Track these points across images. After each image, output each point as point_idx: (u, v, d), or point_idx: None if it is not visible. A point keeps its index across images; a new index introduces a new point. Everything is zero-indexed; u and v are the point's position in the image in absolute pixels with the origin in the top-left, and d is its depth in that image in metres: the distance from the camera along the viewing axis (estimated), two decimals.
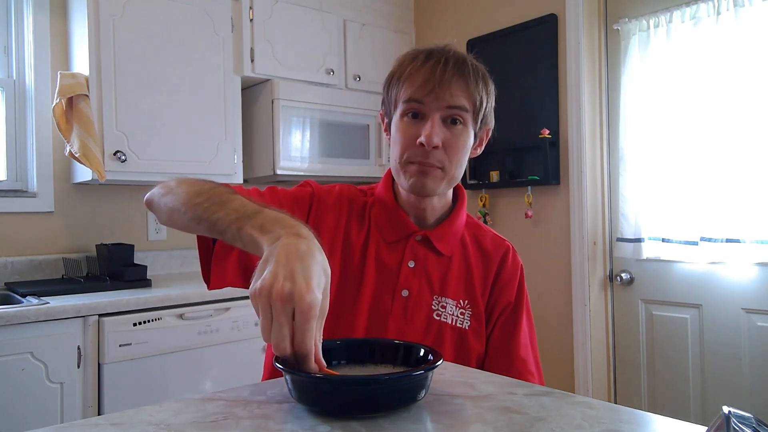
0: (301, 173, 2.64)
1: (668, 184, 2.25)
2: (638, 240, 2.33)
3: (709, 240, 2.12)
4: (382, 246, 1.05)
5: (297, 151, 2.62)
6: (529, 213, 2.59)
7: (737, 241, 2.05)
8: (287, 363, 0.66)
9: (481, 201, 2.78)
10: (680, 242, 2.21)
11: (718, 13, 2.10)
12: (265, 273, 0.65)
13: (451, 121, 0.98)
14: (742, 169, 2.04)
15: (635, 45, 2.33)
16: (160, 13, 2.29)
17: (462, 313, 1.05)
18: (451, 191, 1.09)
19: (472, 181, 2.81)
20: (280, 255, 0.66)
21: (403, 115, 1.00)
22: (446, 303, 1.04)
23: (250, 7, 2.52)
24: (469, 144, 1.02)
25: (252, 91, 2.68)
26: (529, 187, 2.60)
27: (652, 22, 2.29)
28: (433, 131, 0.95)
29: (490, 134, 1.09)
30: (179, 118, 2.33)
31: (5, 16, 2.32)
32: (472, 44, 2.84)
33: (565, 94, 2.51)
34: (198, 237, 0.93)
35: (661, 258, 2.29)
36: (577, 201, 2.47)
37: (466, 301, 1.06)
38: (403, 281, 1.03)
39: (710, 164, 2.12)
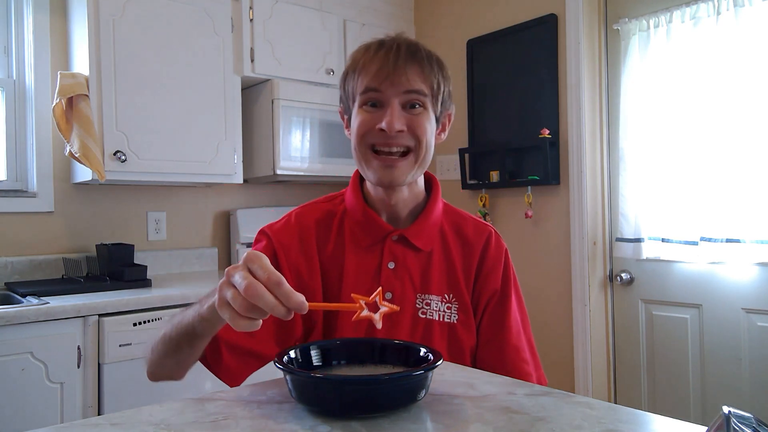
0: (301, 173, 2.64)
1: (668, 184, 2.25)
2: (638, 240, 2.32)
3: (709, 240, 2.12)
4: (360, 252, 1.03)
5: (297, 151, 2.62)
6: (529, 213, 2.59)
7: (737, 241, 2.05)
8: (286, 367, 0.66)
9: (481, 201, 2.78)
10: (680, 242, 2.21)
11: (718, 13, 2.10)
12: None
13: (411, 105, 0.98)
14: (742, 169, 2.04)
15: (635, 45, 2.33)
16: (160, 13, 2.28)
17: (449, 308, 1.03)
18: (422, 180, 1.08)
19: (472, 181, 2.81)
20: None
21: (361, 105, 0.99)
22: (430, 300, 1.03)
23: (250, 7, 2.52)
24: (432, 126, 1.01)
25: (252, 91, 2.68)
26: (529, 187, 2.60)
27: (652, 22, 2.29)
28: (393, 117, 0.95)
29: (452, 119, 1.09)
30: (179, 118, 2.33)
31: (5, 16, 2.32)
32: (472, 44, 2.83)
33: (565, 94, 2.51)
34: (201, 360, 0.98)
35: (661, 258, 2.29)
36: (577, 201, 2.47)
37: (451, 295, 1.04)
38: (385, 284, 1.02)
39: (710, 164, 2.12)
